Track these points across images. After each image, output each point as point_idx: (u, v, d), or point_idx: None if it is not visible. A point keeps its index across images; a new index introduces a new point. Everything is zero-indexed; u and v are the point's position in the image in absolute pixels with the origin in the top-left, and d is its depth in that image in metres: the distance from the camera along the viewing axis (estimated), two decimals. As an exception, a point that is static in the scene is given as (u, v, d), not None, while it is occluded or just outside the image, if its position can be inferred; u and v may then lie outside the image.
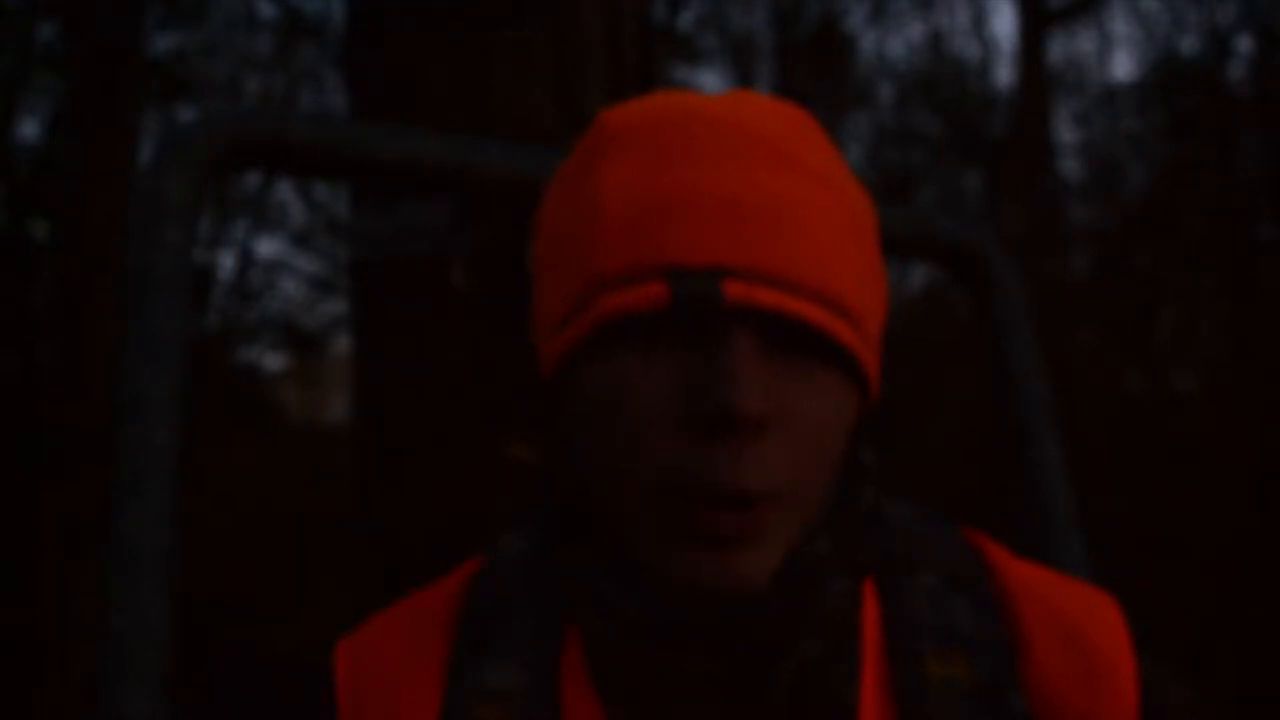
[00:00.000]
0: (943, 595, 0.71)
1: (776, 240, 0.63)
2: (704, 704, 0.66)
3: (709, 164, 0.64)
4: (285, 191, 10.25)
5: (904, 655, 0.69)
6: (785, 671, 0.66)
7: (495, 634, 0.70)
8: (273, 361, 13.19)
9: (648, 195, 0.64)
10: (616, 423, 0.64)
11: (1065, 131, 10.55)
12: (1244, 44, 9.61)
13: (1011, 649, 0.69)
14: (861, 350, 0.66)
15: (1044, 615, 0.70)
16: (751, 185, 0.64)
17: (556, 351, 0.67)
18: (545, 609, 0.71)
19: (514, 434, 1.54)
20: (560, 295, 0.67)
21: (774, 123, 0.67)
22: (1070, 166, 10.19)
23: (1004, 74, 19.59)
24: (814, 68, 10.71)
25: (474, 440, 1.58)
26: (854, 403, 0.67)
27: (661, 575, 0.64)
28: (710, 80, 11.27)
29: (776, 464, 0.62)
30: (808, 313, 0.63)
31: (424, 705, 0.69)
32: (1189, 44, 9.62)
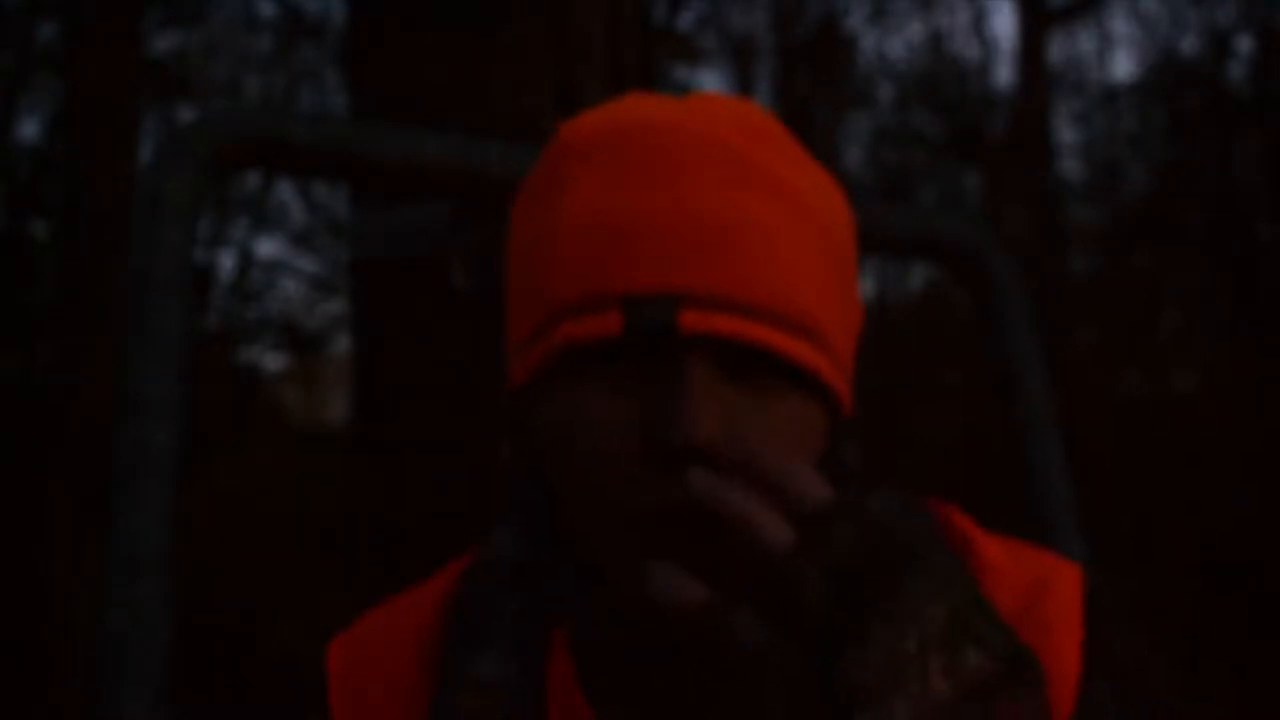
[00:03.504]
0: None
1: (734, 262, 0.61)
2: (688, 703, 0.66)
3: (666, 182, 0.63)
4: (285, 191, 10.26)
5: None
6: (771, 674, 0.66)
7: (484, 629, 0.70)
8: (273, 361, 13.16)
9: (604, 219, 0.63)
10: (577, 450, 0.63)
11: (1065, 131, 10.54)
12: (1244, 44, 9.60)
13: None
14: (826, 369, 0.64)
15: (1005, 590, 0.68)
16: (710, 203, 0.62)
17: (524, 370, 0.66)
18: (533, 606, 0.71)
19: (511, 434, 1.54)
20: (524, 318, 0.66)
21: (736, 131, 0.65)
22: (1070, 166, 10.20)
23: (1004, 74, 19.62)
24: (814, 68, 10.70)
25: (473, 440, 1.58)
26: (822, 420, 0.66)
27: (627, 594, 0.63)
28: (710, 80, 11.28)
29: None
30: (767, 338, 0.61)
31: (415, 698, 0.69)
32: (1189, 44, 9.63)
